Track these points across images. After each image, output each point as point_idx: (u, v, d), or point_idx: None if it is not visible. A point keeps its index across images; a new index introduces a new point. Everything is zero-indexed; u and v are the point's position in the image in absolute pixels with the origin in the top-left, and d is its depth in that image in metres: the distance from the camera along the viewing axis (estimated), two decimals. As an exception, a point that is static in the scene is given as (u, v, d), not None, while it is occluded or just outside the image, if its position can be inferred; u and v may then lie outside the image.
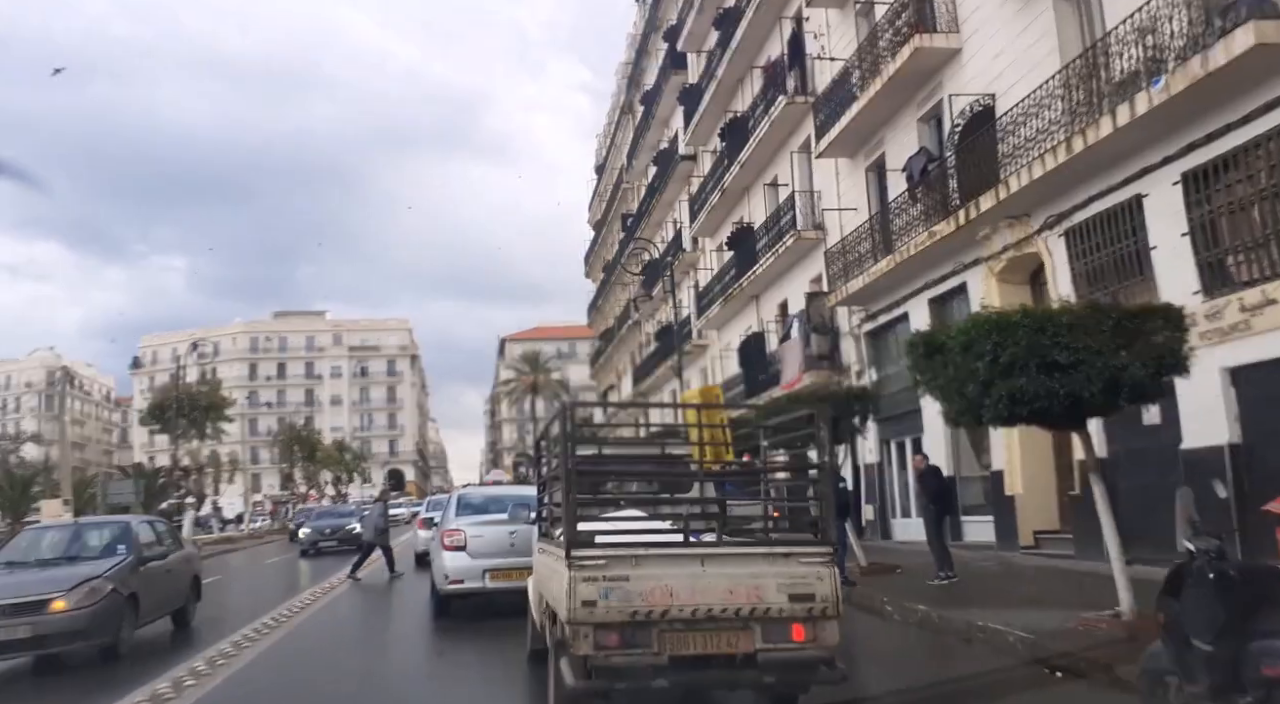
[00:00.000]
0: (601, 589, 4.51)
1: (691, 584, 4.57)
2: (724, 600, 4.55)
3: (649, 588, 4.53)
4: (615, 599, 4.50)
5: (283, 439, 55.57)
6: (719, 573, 4.63)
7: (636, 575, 4.56)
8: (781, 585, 4.62)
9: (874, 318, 17.48)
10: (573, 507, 4.83)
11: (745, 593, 4.58)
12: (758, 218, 23.84)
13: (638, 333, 41.86)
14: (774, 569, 4.68)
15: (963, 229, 12.88)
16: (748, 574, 4.65)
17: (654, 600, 4.51)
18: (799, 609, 4.60)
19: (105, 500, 24.73)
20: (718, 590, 4.57)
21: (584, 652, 4.48)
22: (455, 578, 10.44)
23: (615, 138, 46.46)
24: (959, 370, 6.84)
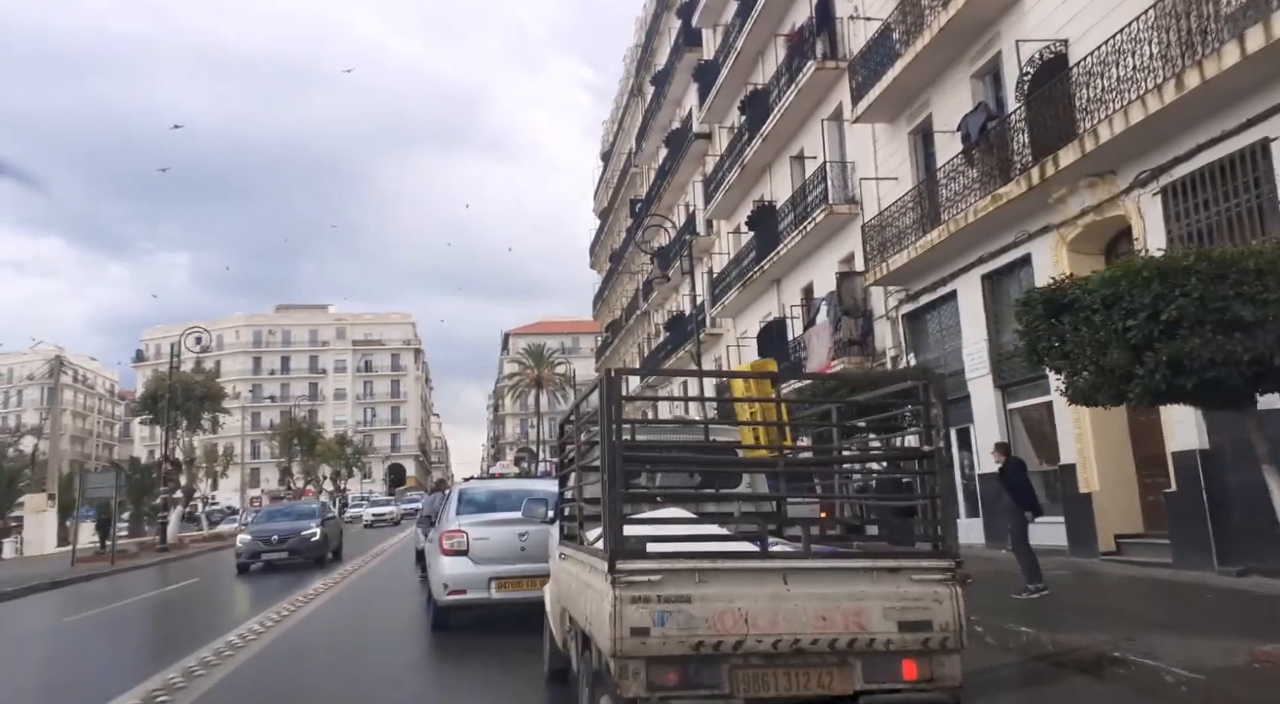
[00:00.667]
0: (656, 613, 3.58)
1: (773, 607, 3.64)
2: (815, 628, 3.65)
3: (718, 612, 3.61)
4: (674, 626, 3.58)
5: (282, 432, 54.04)
6: (808, 593, 3.69)
7: (701, 595, 3.62)
8: (889, 609, 3.69)
9: (915, 298, 15.92)
10: (618, 504, 3.77)
11: (843, 619, 3.66)
12: (781, 195, 22.29)
13: (646, 324, 40.31)
14: (879, 588, 3.72)
15: (1033, 191, 11.32)
16: (846, 595, 3.70)
17: (724, 628, 3.60)
18: (912, 640, 3.68)
19: (83, 494, 23.24)
20: (807, 615, 3.65)
21: (634, 693, 3.59)
22: (456, 588, 8.95)
23: (623, 122, 44.89)
24: (1099, 332, 5.29)
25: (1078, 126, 10.63)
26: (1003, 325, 13.71)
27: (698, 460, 5.39)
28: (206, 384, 32.45)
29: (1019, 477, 9.45)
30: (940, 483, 4.06)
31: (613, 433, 3.86)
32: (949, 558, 3.84)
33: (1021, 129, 11.59)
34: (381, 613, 11.48)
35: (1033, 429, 13.38)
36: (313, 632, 10.03)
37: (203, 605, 14.24)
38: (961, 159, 13.34)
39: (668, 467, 5.28)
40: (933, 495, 4.07)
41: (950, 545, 3.91)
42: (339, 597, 13.15)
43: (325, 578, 15.76)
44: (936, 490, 4.05)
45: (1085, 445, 11.51)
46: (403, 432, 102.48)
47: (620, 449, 3.89)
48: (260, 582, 16.60)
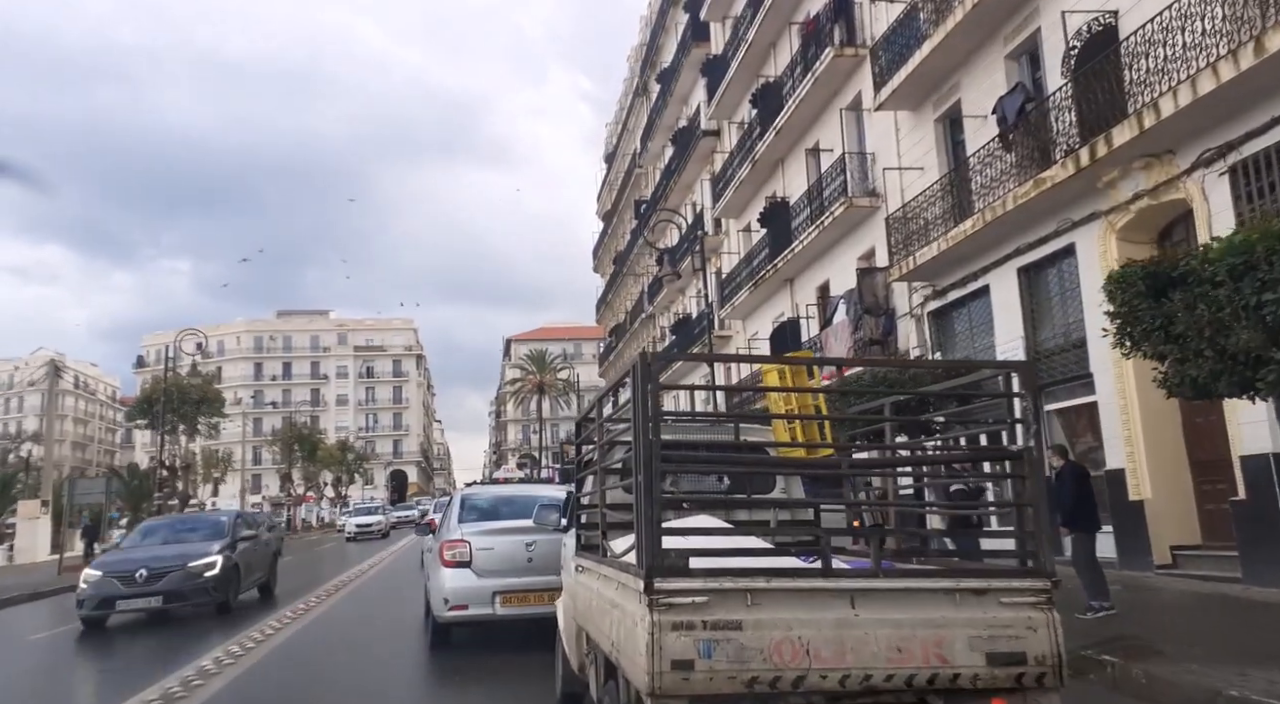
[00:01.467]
0: (702, 643, 3.04)
1: (839, 635, 3.11)
2: (889, 661, 3.11)
3: (774, 641, 3.08)
4: (723, 658, 3.04)
5: (283, 438, 53.16)
6: (880, 619, 3.15)
7: (755, 621, 3.09)
8: (976, 639, 3.15)
9: (942, 294, 15.06)
10: (656, 511, 3.20)
11: (922, 650, 3.13)
12: (795, 191, 21.46)
13: (651, 327, 39.47)
14: (964, 614, 3.18)
15: (1081, 174, 10.47)
16: (925, 621, 3.16)
17: (782, 661, 3.07)
18: (1003, 675, 3.15)
19: (72, 501, 22.39)
20: (879, 646, 3.11)
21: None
22: (457, 603, 8.21)
23: (627, 122, 44.13)
24: (1222, 310, 4.45)
25: (1129, 104, 9.80)
26: (1041, 321, 12.87)
27: (743, 461, 4.65)
28: (203, 388, 31.60)
29: (1080, 483, 8.56)
30: (1032, 488, 3.48)
31: (649, 429, 3.25)
32: (1044, 577, 3.28)
33: (1068, 108, 10.75)
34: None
35: (1073, 432, 12.50)
36: (315, 636, 9.12)
37: (181, 620, 13.23)
38: (996, 144, 12.50)
39: (711, 468, 4.60)
40: (1024, 503, 3.49)
41: (1045, 562, 3.33)
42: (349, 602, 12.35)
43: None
44: (1028, 497, 3.46)
45: (1136, 449, 10.64)
46: (405, 437, 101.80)
47: (658, 447, 3.27)
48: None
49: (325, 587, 15.64)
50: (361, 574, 18.47)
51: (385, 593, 14.71)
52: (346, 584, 16.25)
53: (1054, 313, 12.59)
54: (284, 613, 11.86)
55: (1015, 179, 12.05)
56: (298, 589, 15.00)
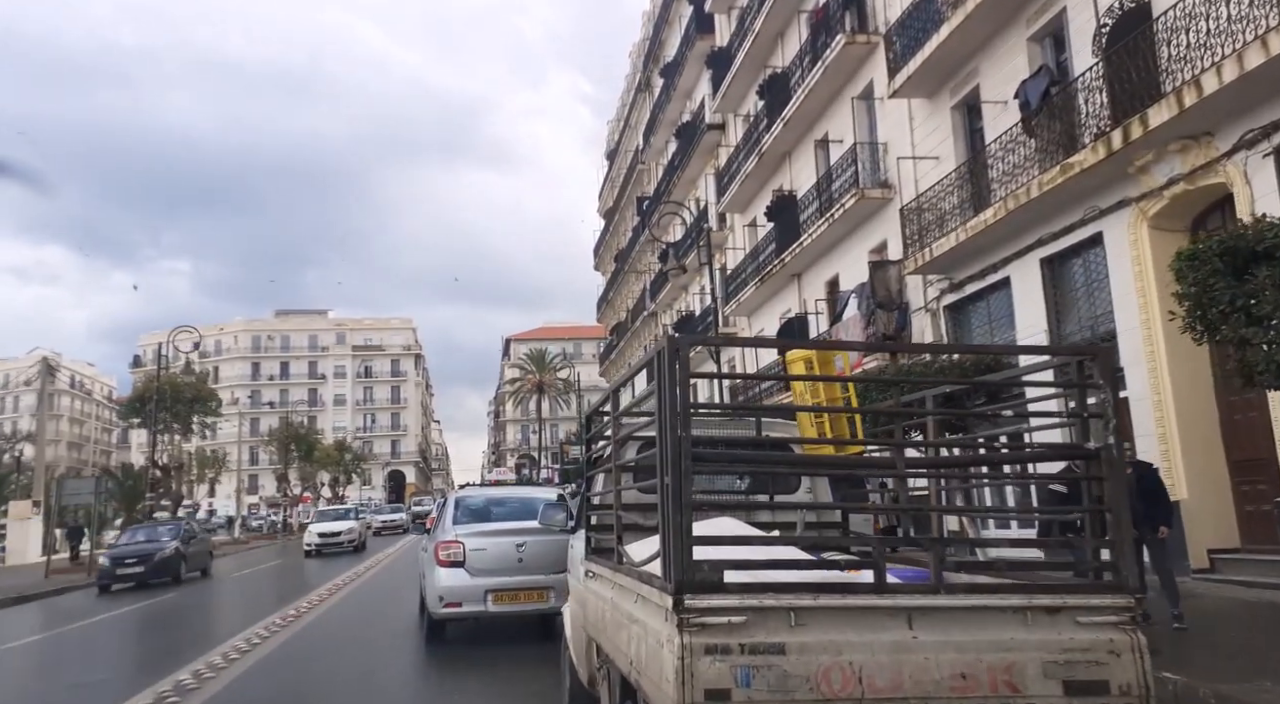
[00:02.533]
0: (740, 669, 2.66)
1: (896, 660, 2.73)
2: (953, 688, 2.72)
3: (823, 667, 2.70)
4: (764, 686, 2.67)
5: (279, 437, 52.57)
6: (942, 641, 2.76)
7: (799, 644, 2.70)
8: (1050, 664, 2.76)
9: (959, 287, 14.55)
10: (687, 517, 2.77)
11: (990, 676, 2.74)
12: (803, 183, 20.96)
13: (653, 325, 38.95)
14: (1036, 635, 2.79)
15: (1112, 158, 9.96)
16: (992, 644, 2.77)
17: (832, 689, 2.69)
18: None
19: (59, 501, 21.86)
20: (942, 672, 2.73)
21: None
22: (451, 600, 8.56)
23: (629, 119, 43.63)
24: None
25: (1165, 83, 9.30)
26: (1065, 314, 12.36)
27: (780, 460, 4.19)
28: (197, 386, 31.05)
29: (1154, 482, 7.76)
30: (1111, 491, 3.00)
31: (679, 423, 2.83)
32: (1128, 593, 2.87)
33: (1098, 88, 10.25)
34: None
35: (1099, 430, 11.99)
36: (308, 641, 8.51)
37: (159, 631, 12.51)
38: (1019, 130, 12.00)
39: (750, 468, 4.13)
40: (1102, 507, 3.03)
41: (1127, 576, 2.90)
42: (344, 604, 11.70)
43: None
44: (1109, 501, 3.00)
45: (1171, 447, 10.13)
46: (403, 438, 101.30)
47: (689, 444, 2.84)
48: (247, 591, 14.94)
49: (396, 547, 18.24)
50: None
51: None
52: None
53: (1079, 305, 12.08)
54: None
55: (1039, 165, 11.55)
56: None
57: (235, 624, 11.27)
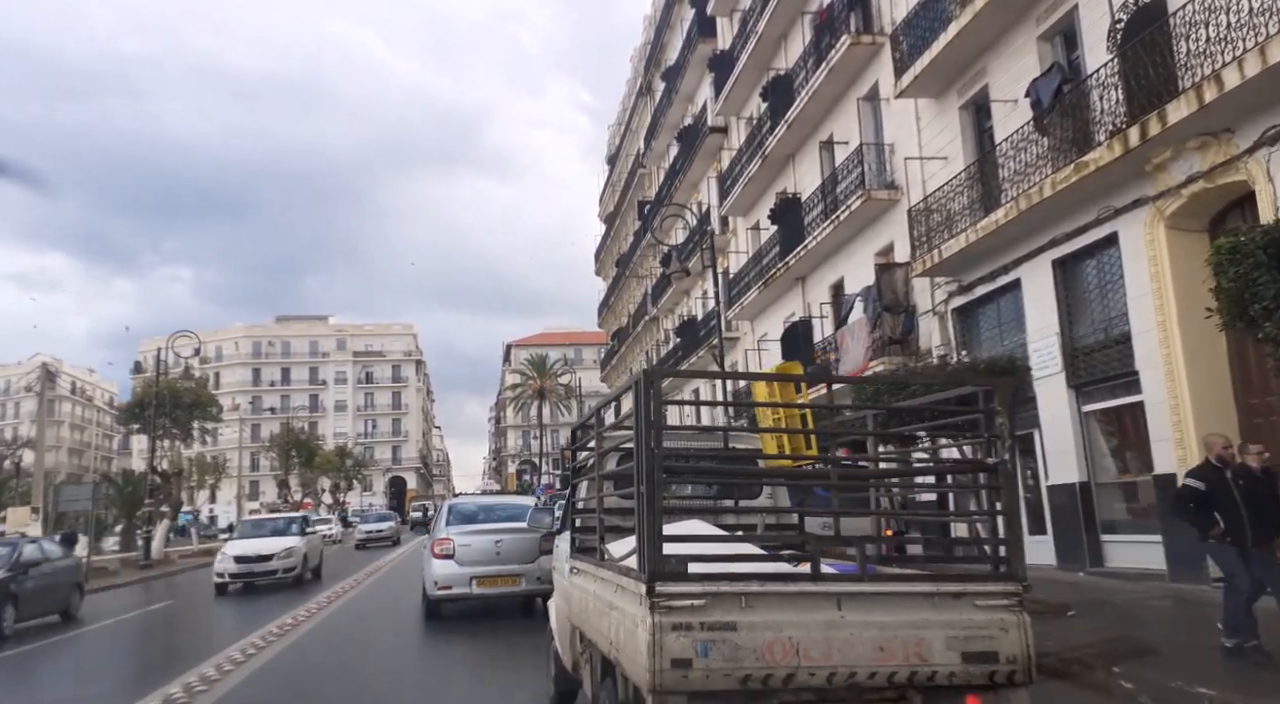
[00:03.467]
0: (699, 643, 3.22)
1: (826, 636, 3.30)
2: (873, 660, 3.30)
3: (767, 642, 3.25)
4: (719, 657, 3.22)
5: (279, 443, 52.33)
6: (865, 620, 3.35)
7: (748, 623, 3.27)
8: (953, 639, 3.35)
9: (968, 289, 14.33)
10: (658, 518, 3.37)
11: (903, 649, 3.32)
12: (807, 186, 20.76)
13: (654, 330, 38.75)
14: (942, 616, 3.39)
15: (1129, 156, 9.74)
16: (906, 622, 3.36)
17: (774, 660, 3.24)
18: (977, 673, 3.35)
19: (56, 508, 21.60)
20: (864, 646, 3.31)
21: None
22: (444, 585, 10.83)
23: (630, 123, 43.49)
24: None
25: (1184, 78, 9.09)
26: (1077, 316, 12.13)
27: (738, 470, 4.92)
28: (196, 391, 30.83)
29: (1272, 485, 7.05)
30: (1006, 499, 3.66)
31: (652, 440, 3.41)
32: (1016, 581, 3.48)
33: (1114, 85, 10.03)
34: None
35: (1114, 435, 11.75)
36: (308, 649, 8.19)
37: (154, 641, 12.07)
38: (1030, 129, 11.79)
39: (710, 479, 4.88)
40: (997, 512, 3.64)
41: (1017, 568, 3.52)
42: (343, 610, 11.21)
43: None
44: (1002, 507, 3.63)
45: (1189, 452, 9.85)
46: (404, 444, 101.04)
47: (661, 458, 3.43)
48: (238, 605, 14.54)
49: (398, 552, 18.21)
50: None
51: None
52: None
53: (1092, 307, 11.85)
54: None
55: (1052, 165, 11.33)
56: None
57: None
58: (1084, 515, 11.65)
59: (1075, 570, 11.60)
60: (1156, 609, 8.87)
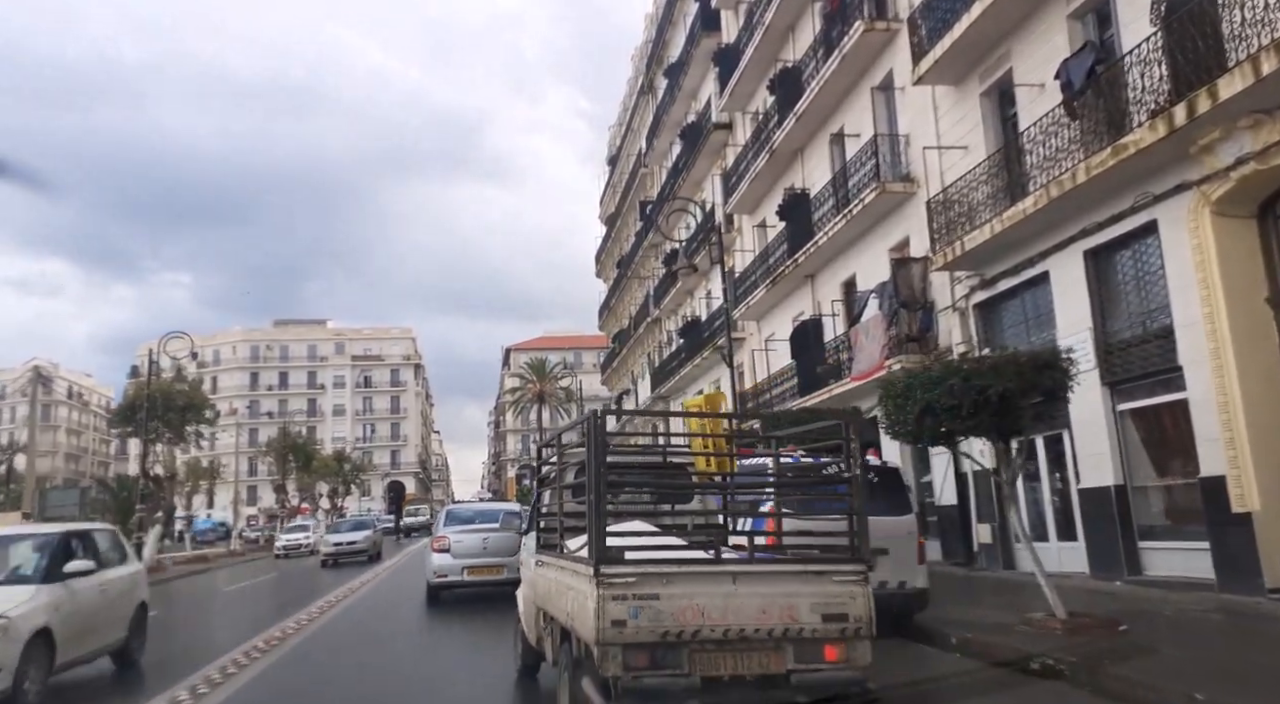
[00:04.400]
0: (631, 608, 4.31)
1: (724, 603, 4.41)
2: (756, 620, 4.43)
3: (680, 607, 4.36)
4: (645, 619, 4.32)
5: (276, 448, 51.57)
6: (751, 592, 4.46)
7: (667, 594, 4.37)
8: (815, 605, 4.49)
9: (991, 284, 13.70)
10: (602, 520, 4.48)
11: (778, 613, 4.44)
12: (816, 181, 20.15)
13: (656, 332, 38.13)
14: (808, 588, 4.53)
15: (1172, 137, 9.11)
16: (781, 593, 4.49)
17: (685, 620, 4.35)
18: (832, 629, 4.49)
19: (43, 513, 20.93)
20: (750, 610, 4.43)
21: (612, 673, 4.29)
22: (440, 574, 13.24)
23: (632, 122, 42.90)
24: None
25: (1236, 51, 8.46)
26: (1111, 310, 11.50)
27: (662, 482, 6.28)
28: (190, 393, 30.13)
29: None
30: (856, 502, 4.82)
31: (600, 462, 4.57)
32: (862, 563, 4.64)
33: (1157, 61, 9.40)
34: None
35: (1154, 435, 11.09)
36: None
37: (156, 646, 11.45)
38: (1060, 112, 11.17)
39: (636, 487, 5.98)
40: (851, 513, 4.82)
41: (863, 552, 4.67)
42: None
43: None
44: (854, 509, 4.81)
45: (1240, 453, 9.22)
46: (403, 448, 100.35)
47: (606, 474, 4.62)
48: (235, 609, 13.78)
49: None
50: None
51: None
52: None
53: (1129, 300, 11.22)
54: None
55: (1084, 150, 10.71)
56: None
57: None
58: (1120, 520, 11.00)
59: (1111, 578, 10.95)
60: (1217, 624, 8.20)
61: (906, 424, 8.49)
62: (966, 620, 8.77)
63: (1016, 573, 13.05)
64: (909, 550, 8.60)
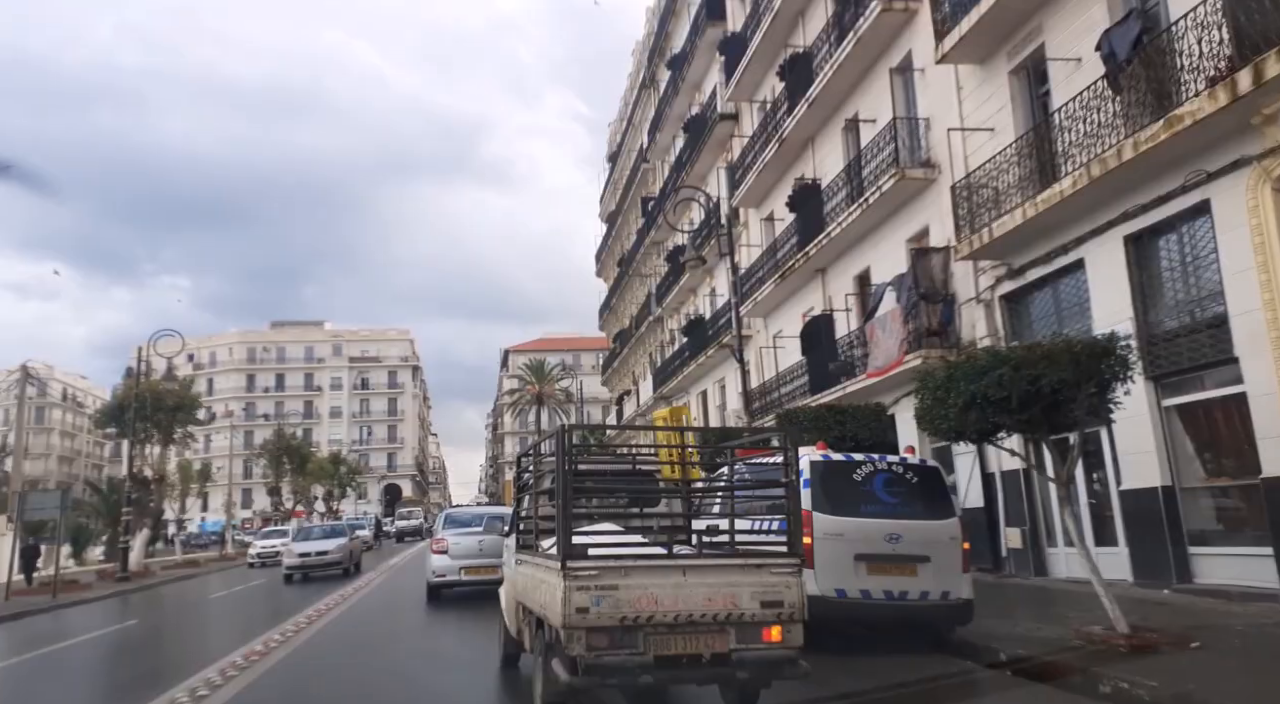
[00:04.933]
0: (594, 597, 4.90)
1: (675, 592, 5.00)
2: (703, 607, 5.02)
3: (636, 596, 4.94)
4: (606, 606, 4.91)
5: (269, 449, 50.62)
6: (699, 582, 5.06)
7: (625, 584, 4.96)
8: (754, 593, 5.08)
9: (1019, 274, 12.94)
10: (568, 521, 5.12)
11: (722, 600, 5.04)
12: (828, 171, 19.41)
13: (658, 331, 37.36)
14: (748, 579, 5.13)
15: (1234, 106, 8.35)
16: (724, 583, 5.09)
17: (641, 607, 4.94)
18: (770, 614, 5.09)
19: (21, 517, 20.09)
20: (698, 598, 5.02)
21: (576, 652, 4.87)
22: (439, 573, 14.01)
23: (633, 118, 42.16)
24: None
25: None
26: (1154, 298, 10.73)
27: (619, 487, 7.02)
28: (180, 393, 29.28)
29: None
30: (792, 504, 5.55)
31: (566, 473, 5.31)
32: (797, 557, 5.32)
33: (1216, 24, 8.65)
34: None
35: (1205, 432, 10.31)
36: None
37: (97, 672, 10.45)
38: (1102, 86, 10.41)
39: (603, 492, 6.90)
40: (788, 513, 5.53)
41: (797, 548, 5.38)
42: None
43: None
44: (790, 510, 5.53)
45: (1306, 451, 8.46)
46: (400, 451, 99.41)
47: (571, 482, 5.43)
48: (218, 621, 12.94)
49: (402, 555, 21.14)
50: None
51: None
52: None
53: (1174, 287, 10.46)
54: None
55: (1128, 125, 9.95)
56: None
57: None
58: (1168, 524, 10.23)
59: (1158, 587, 10.17)
60: (1261, 634, 7.42)
61: (948, 419, 7.73)
62: (1012, 634, 7.99)
63: (1050, 580, 12.28)
64: (952, 557, 7.83)
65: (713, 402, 30.26)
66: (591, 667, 4.80)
